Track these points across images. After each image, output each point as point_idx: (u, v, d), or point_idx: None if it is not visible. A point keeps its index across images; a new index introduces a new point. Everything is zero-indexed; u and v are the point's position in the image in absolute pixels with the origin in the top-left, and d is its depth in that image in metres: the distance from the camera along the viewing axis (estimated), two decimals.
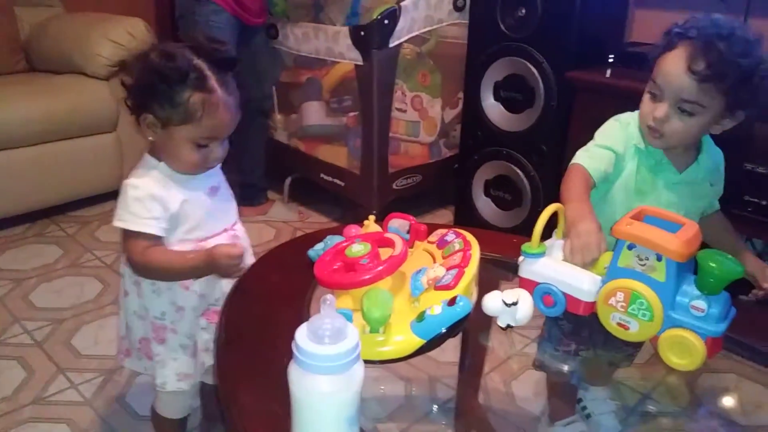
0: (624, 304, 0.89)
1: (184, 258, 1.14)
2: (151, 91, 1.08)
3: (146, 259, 1.12)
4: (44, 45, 2.74)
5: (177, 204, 1.14)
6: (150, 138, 1.12)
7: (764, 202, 1.72)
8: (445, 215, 2.66)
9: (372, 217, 1.12)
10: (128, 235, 1.12)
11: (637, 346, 0.94)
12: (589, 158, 1.12)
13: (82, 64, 2.57)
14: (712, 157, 1.17)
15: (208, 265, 1.11)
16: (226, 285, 1.19)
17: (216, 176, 1.22)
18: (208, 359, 1.24)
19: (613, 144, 1.14)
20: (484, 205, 2.43)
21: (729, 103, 1.04)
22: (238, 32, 2.34)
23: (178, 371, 1.23)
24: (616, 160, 1.13)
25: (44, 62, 2.73)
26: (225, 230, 1.23)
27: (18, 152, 2.37)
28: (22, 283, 2.10)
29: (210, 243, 1.18)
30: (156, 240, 1.13)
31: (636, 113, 1.15)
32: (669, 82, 1.05)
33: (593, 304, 0.93)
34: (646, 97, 1.10)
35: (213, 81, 1.09)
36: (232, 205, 1.27)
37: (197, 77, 1.08)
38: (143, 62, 1.09)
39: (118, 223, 1.13)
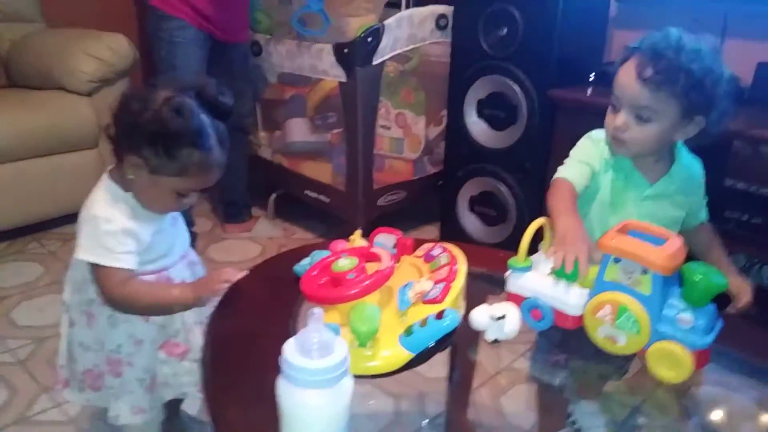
0: (611, 317, 0.89)
1: (170, 294, 1.11)
2: (150, 139, 1.05)
3: (127, 293, 1.09)
4: (25, 60, 2.72)
5: (149, 236, 1.14)
6: (130, 177, 1.09)
7: (745, 218, 1.74)
8: (431, 231, 2.67)
9: (358, 232, 1.12)
10: (102, 269, 1.09)
11: (629, 358, 0.94)
12: (570, 172, 1.15)
13: (63, 79, 2.55)
14: (686, 167, 1.20)
15: (195, 300, 1.09)
16: (188, 316, 1.21)
17: None
18: (168, 393, 1.24)
19: (588, 159, 1.17)
20: (469, 222, 2.44)
21: (684, 108, 1.07)
22: (210, 48, 2.27)
23: (133, 405, 1.21)
24: (593, 175, 1.17)
25: (25, 78, 2.70)
26: (183, 257, 1.24)
27: None
28: (4, 301, 2.06)
29: (171, 272, 1.19)
30: (131, 273, 1.11)
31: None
32: (623, 91, 1.10)
33: (581, 317, 0.93)
34: (609, 109, 1.15)
35: (213, 140, 1.08)
36: (186, 231, 1.27)
37: (200, 135, 1.06)
38: (147, 107, 1.05)
39: (89, 257, 1.09)
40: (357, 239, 1.11)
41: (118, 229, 1.09)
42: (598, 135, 1.19)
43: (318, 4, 2.31)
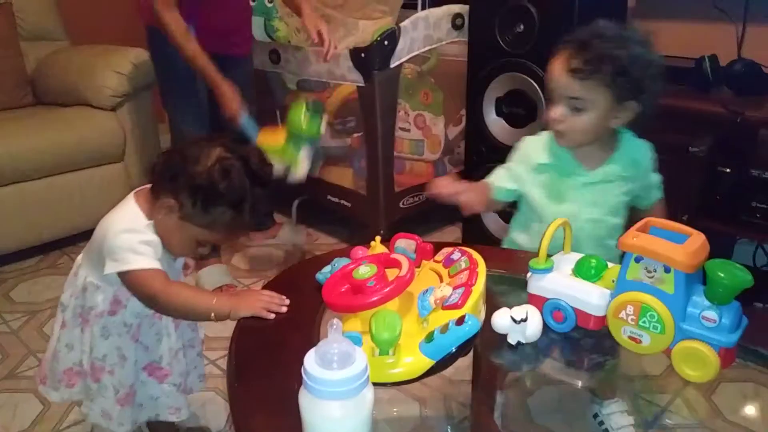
0: (634, 317, 0.88)
1: (209, 300, 1.11)
2: (193, 190, 1.10)
3: (170, 291, 1.12)
4: (50, 78, 2.78)
5: (165, 262, 1.18)
6: (159, 216, 1.14)
7: None
8: (454, 232, 2.66)
9: (378, 238, 1.12)
10: (142, 273, 1.11)
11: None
12: (496, 176, 1.28)
13: (88, 95, 2.61)
14: (630, 152, 1.23)
15: (231, 313, 1.08)
16: (174, 342, 1.27)
17: None
18: (142, 415, 1.28)
19: (517, 162, 1.26)
20: (492, 221, 2.42)
21: (615, 95, 1.11)
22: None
23: (103, 409, 1.25)
24: (520, 175, 1.25)
25: (51, 95, 2.77)
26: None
27: (28, 185, 2.39)
28: (36, 315, 2.12)
29: None
30: (166, 275, 1.14)
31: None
32: (556, 84, 1.15)
33: (603, 318, 0.92)
34: (549, 103, 1.19)
35: (247, 205, 1.12)
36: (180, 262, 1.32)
37: (238, 200, 1.11)
38: (200, 160, 1.10)
39: (126, 267, 1.10)
40: (377, 246, 1.11)
41: (149, 239, 1.13)
42: (531, 136, 1.27)
43: None
